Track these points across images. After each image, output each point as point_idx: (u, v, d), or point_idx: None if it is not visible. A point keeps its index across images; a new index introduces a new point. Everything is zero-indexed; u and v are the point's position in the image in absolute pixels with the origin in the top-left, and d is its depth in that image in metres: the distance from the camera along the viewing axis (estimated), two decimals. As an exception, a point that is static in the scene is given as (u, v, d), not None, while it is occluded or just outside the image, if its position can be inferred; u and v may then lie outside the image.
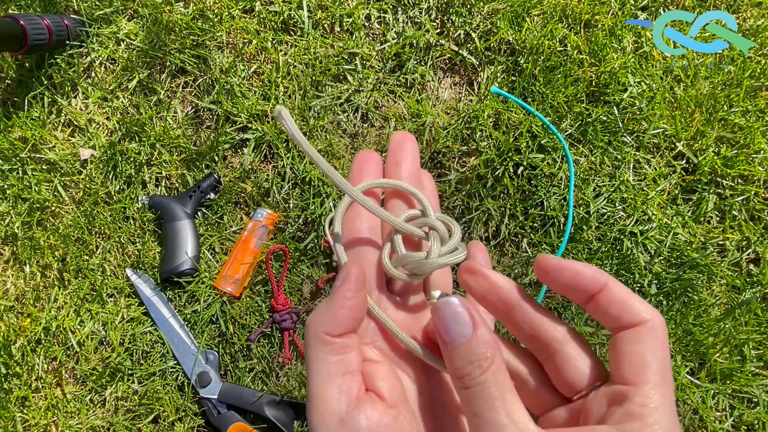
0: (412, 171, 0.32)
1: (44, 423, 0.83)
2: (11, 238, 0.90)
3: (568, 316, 0.79)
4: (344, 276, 0.27)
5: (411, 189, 0.31)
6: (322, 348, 0.26)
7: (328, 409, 0.25)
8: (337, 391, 0.25)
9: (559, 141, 0.82)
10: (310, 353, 0.26)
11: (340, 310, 0.26)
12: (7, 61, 0.93)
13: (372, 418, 0.25)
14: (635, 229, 0.81)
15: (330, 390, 0.25)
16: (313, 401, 0.26)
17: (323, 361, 0.26)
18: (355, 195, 0.29)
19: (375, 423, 0.25)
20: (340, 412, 0.25)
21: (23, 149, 0.90)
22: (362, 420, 0.25)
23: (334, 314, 0.26)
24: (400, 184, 0.31)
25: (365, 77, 0.88)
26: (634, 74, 0.85)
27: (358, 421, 0.25)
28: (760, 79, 0.85)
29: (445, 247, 0.29)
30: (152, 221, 0.88)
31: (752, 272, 0.81)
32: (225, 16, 0.90)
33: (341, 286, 0.27)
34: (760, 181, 0.83)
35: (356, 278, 0.27)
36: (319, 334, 0.26)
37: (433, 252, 0.29)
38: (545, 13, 0.87)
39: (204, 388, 0.81)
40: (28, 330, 0.86)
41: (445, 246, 0.30)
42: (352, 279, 0.27)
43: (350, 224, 0.31)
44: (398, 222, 0.30)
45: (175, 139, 0.88)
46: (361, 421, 0.25)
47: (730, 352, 0.78)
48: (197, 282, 0.84)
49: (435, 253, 0.29)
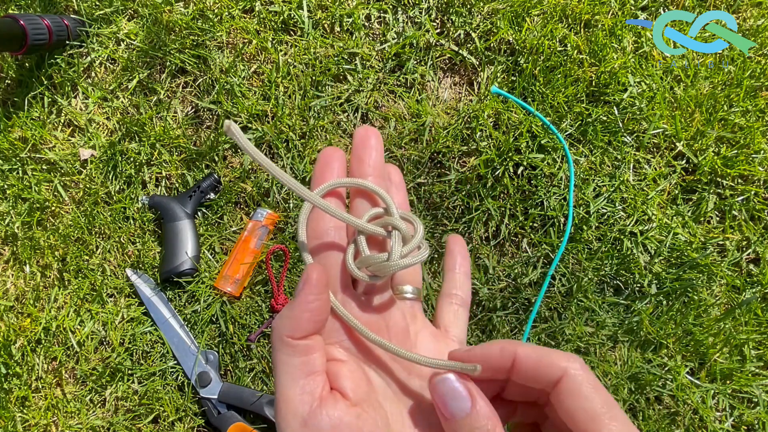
0: (376, 166, 0.32)
1: (44, 423, 0.83)
2: (11, 238, 0.90)
3: (568, 316, 0.79)
4: (305, 279, 0.27)
5: (373, 187, 0.31)
6: (286, 350, 0.27)
7: (291, 411, 0.26)
8: (300, 392, 0.26)
9: (559, 141, 0.82)
10: (275, 356, 0.27)
11: (302, 314, 0.27)
12: (7, 61, 0.93)
13: (334, 417, 0.26)
14: (635, 229, 0.81)
15: (293, 391, 0.26)
16: (279, 403, 0.26)
17: (287, 363, 0.27)
18: (314, 200, 0.29)
19: (337, 422, 0.26)
20: (303, 413, 0.26)
21: (23, 149, 0.90)
22: (324, 419, 0.25)
23: (297, 317, 0.27)
24: (362, 183, 0.31)
25: (365, 77, 0.88)
26: (634, 74, 0.85)
27: (321, 420, 0.25)
28: (760, 79, 0.85)
29: (407, 246, 0.29)
30: (152, 221, 0.88)
31: (752, 272, 0.81)
32: (225, 16, 0.90)
33: (302, 290, 0.27)
34: (760, 181, 0.83)
35: (317, 281, 0.27)
36: (282, 337, 0.27)
37: (394, 253, 0.29)
38: (545, 13, 0.87)
39: (204, 388, 0.81)
40: (28, 330, 0.86)
41: (407, 246, 0.29)
42: (312, 282, 0.27)
43: (315, 226, 0.31)
44: (359, 223, 0.30)
45: (175, 139, 0.88)
46: (323, 421, 0.25)
47: (730, 352, 0.78)
48: (197, 282, 0.84)
49: (396, 254, 0.29)
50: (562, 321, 0.79)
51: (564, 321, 0.79)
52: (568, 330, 0.78)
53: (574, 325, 0.79)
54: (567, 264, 0.81)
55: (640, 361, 0.78)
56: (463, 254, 0.35)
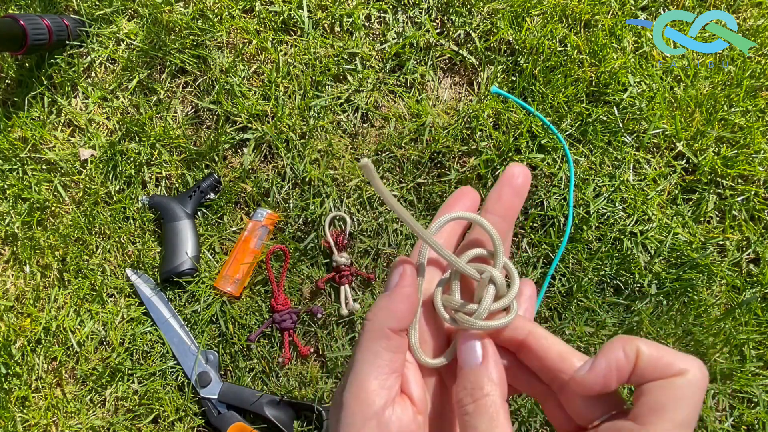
0: (509, 207, 0.31)
1: (44, 423, 0.83)
2: (11, 238, 0.90)
3: (567, 316, 0.79)
4: (401, 272, 0.28)
5: (488, 227, 0.30)
6: (380, 342, 0.27)
7: (368, 400, 0.26)
8: (379, 386, 0.26)
9: (559, 141, 0.82)
10: (366, 345, 0.27)
11: (400, 304, 0.28)
12: (7, 61, 0.93)
13: (402, 419, 0.26)
14: (635, 229, 0.81)
15: (374, 383, 0.26)
16: (355, 388, 0.27)
17: (377, 355, 0.27)
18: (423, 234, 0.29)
19: (404, 426, 0.26)
20: (377, 406, 0.26)
21: (23, 149, 0.90)
22: (393, 419, 0.26)
23: (396, 309, 0.28)
24: (478, 219, 0.30)
25: (365, 77, 0.88)
26: (634, 74, 0.85)
27: (390, 419, 0.26)
28: (760, 79, 0.85)
29: (497, 303, 0.28)
30: (152, 221, 0.88)
31: (752, 272, 0.81)
32: (225, 16, 0.90)
33: (400, 282, 0.28)
34: (760, 181, 0.83)
35: (411, 273, 0.28)
36: (383, 328, 0.27)
37: (481, 309, 0.28)
38: (545, 13, 0.87)
39: (204, 388, 0.81)
40: (28, 330, 0.86)
41: (497, 303, 0.28)
42: (408, 273, 0.28)
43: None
44: (455, 261, 0.29)
45: (175, 139, 0.88)
46: (392, 420, 0.26)
47: (730, 352, 0.78)
48: (197, 282, 0.84)
49: (483, 310, 0.28)
50: (562, 321, 0.79)
51: (564, 321, 0.79)
52: (568, 330, 0.78)
53: (574, 325, 0.79)
54: (567, 264, 0.81)
55: (640, 361, 0.78)
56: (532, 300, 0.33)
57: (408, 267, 0.28)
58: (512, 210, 0.31)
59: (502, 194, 0.31)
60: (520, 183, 0.30)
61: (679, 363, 0.24)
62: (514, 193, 0.30)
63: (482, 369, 0.26)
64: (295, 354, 0.82)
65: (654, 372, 0.25)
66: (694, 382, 0.24)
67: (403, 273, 0.28)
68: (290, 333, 0.82)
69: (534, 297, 0.33)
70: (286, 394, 0.80)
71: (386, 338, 0.27)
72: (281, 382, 0.82)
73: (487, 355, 0.27)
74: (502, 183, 0.31)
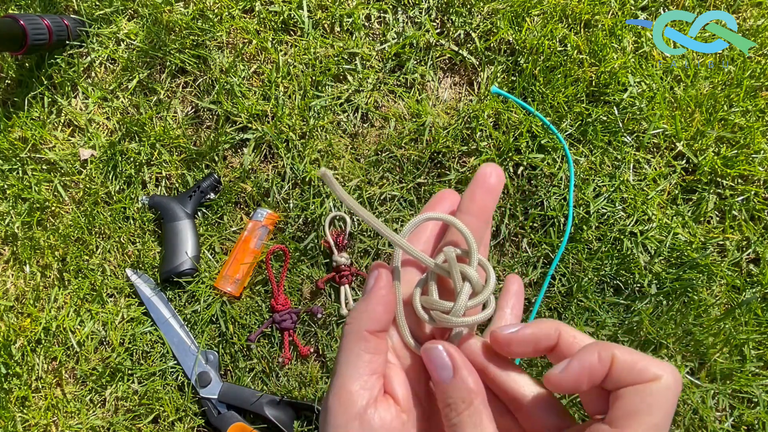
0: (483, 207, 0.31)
1: (44, 423, 0.83)
2: (11, 238, 0.90)
3: (567, 316, 0.79)
4: (376, 276, 0.29)
5: (461, 227, 0.30)
6: (361, 345, 0.28)
7: (349, 402, 0.27)
8: (361, 387, 0.27)
9: (559, 141, 0.82)
10: (346, 347, 0.28)
11: (377, 306, 0.29)
12: (7, 61, 0.93)
13: (385, 419, 0.27)
14: (635, 229, 0.81)
15: (355, 385, 0.27)
16: (338, 391, 0.28)
17: (357, 357, 0.28)
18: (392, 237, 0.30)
19: (387, 424, 0.27)
20: (359, 407, 0.27)
21: (23, 149, 0.90)
22: (376, 419, 0.27)
23: (373, 310, 0.29)
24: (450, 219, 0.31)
25: (365, 77, 0.88)
26: (634, 74, 0.85)
27: (373, 419, 0.27)
28: (760, 79, 0.85)
29: (473, 300, 0.29)
30: (152, 221, 0.88)
31: (752, 272, 0.81)
32: (225, 16, 0.90)
33: (375, 284, 0.29)
34: (760, 181, 0.83)
35: (386, 276, 0.29)
36: (360, 331, 0.28)
37: (457, 306, 0.29)
38: (545, 13, 0.87)
39: (204, 388, 0.81)
40: (28, 330, 0.86)
41: (473, 299, 0.29)
42: (383, 277, 0.29)
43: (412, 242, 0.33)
44: (429, 262, 0.30)
45: (175, 139, 0.88)
46: (375, 420, 0.27)
47: (730, 352, 0.78)
48: (197, 282, 0.84)
49: (460, 307, 0.29)
50: (562, 321, 0.79)
51: (564, 321, 0.79)
52: (568, 330, 0.78)
53: (574, 325, 0.79)
54: (567, 264, 0.81)
55: (640, 361, 0.78)
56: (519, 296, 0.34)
57: (383, 270, 0.30)
58: (486, 209, 0.31)
59: (475, 194, 0.31)
60: (493, 182, 0.31)
61: (653, 368, 0.25)
62: (487, 192, 0.31)
63: (457, 382, 0.27)
64: (295, 354, 0.82)
65: (629, 377, 0.25)
66: (667, 388, 0.25)
67: (378, 276, 0.29)
68: (290, 333, 0.82)
69: (521, 292, 0.34)
70: (286, 394, 0.80)
71: (365, 340, 0.28)
72: (281, 382, 0.82)
73: (457, 367, 0.27)
74: (475, 183, 0.31)
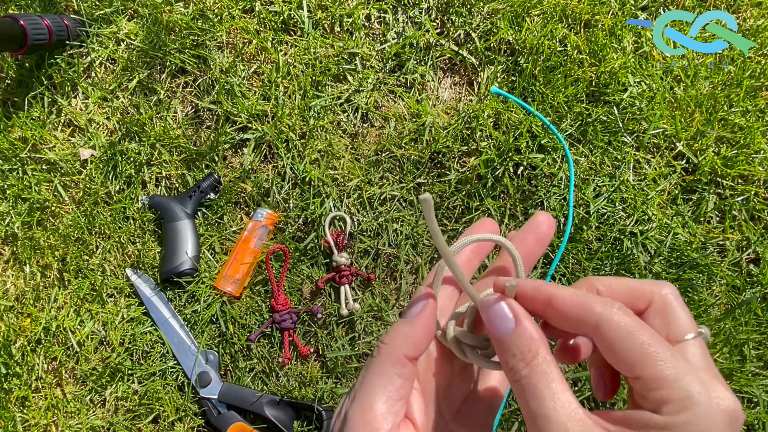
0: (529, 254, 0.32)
1: (44, 423, 0.83)
2: (11, 238, 0.90)
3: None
4: (424, 304, 0.29)
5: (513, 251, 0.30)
6: (395, 368, 0.28)
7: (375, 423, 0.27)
8: (387, 410, 0.27)
9: (559, 141, 0.82)
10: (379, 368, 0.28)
11: (421, 333, 0.28)
12: (7, 61, 0.93)
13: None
14: (635, 229, 0.81)
15: (382, 407, 0.27)
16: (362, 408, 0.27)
17: (389, 379, 0.28)
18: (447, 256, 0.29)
19: None
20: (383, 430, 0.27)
21: (23, 149, 0.90)
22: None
23: (416, 337, 0.28)
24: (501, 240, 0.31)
25: (365, 77, 0.88)
26: (634, 74, 0.85)
27: None
28: (760, 79, 0.85)
29: None
30: (152, 221, 0.88)
31: (752, 272, 0.81)
32: (225, 16, 0.90)
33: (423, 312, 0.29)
34: (760, 181, 0.83)
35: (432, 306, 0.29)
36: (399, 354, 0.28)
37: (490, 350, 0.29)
38: (545, 13, 0.87)
39: (204, 388, 0.81)
40: (28, 330, 0.86)
41: None
42: (429, 307, 0.29)
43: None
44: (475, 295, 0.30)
45: (175, 139, 0.88)
46: None
47: (730, 352, 0.78)
48: (197, 282, 0.84)
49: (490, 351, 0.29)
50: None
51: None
52: (568, 330, 0.78)
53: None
54: (567, 264, 0.81)
55: (640, 361, 0.78)
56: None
57: (431, 301, 0.29)
58: (534, 256, 0.32)
59: (526, 240, 0.32)
60: (545, 231, 0.32)
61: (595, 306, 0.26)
62: (537, 240, 0.32)
63: (521, 331, 0.26)
64: (295, 354, 0.82)
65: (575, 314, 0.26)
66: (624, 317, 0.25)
67: (426, 305, 0.29)
68: (290, 333, 0.82)
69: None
70: (286, 394, 0.80)
71: (401, 364, 0.28)
72: (281, 382, 0.82)
73: (518, 317, 0.27)
74: (527, 229, 0.32)
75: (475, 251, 0.33)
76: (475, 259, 0.33)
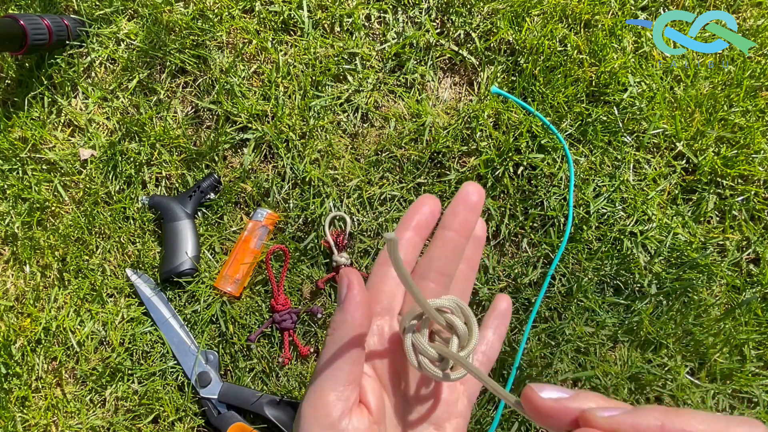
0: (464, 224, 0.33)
1: (44, 423, 0.83)
2: (11, 238, 0.90)
3: (567, 317, 0.79)
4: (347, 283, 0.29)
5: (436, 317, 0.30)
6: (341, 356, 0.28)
7: (324, 412, 0.27)
8: (336, 397, 0.28)
9: (559, 141, 0.82)
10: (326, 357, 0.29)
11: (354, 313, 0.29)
12: (7, 61, 0.93)
13: (358, 429, 0.28)
14: (635, 229, 0.81)
15: (331, 395, 0.28)
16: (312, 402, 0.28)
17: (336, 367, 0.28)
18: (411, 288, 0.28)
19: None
20: (333, 417, 0.27)
21: (23, 149, 0.90)
22: (350, 429, 0.27)
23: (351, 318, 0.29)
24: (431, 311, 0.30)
25: (365, 77, 0.88)
26: (634, 74, 0.85)
27: (346, 429, 0.27)
28: (760, 79, 0.85)
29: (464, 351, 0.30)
30: (152, 221, 0.88)
31: (752, 272, 0.81)
32: (225, 16, 0.90)
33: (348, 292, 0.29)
34: (760, 181, 0.83)
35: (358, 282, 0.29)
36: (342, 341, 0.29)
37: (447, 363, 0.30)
38: (545, 13, 0.87)
39: (204, 388, 0.81)
40: (28, 330, 0.86)
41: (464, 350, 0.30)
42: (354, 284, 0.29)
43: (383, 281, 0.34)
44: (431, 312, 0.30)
45: (175, 139, 0.88)
46: (348, 430, 0.27)
47: (730, 352, 0.78)
48: (197, 282, 0.84)
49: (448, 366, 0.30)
50: (562, 321, 0.79)
51: (564, 321, 0.79)
52: (568, 330, 0.78)
53: (574, 325, 0.79)
54: (567, 264, 0.81)
55: (640, 361, 0.78)
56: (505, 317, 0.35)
57: (353, 277, 0.29)
58: (467, 225, 0.32)
59: (457, 210, 0.32)
60: (475, 200, 0.32)
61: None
62: (468, 209, 0.32)
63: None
64: (295, 354, 0.83)
65: None
66: None
67: (350, 284, 0.29)
68: (290, 333, 0.82)
69: (507, 313, 0.35)
70: (286, 394, 0.80)
71: (346, 351, 0.28)
72: (281, 382, 0.82)
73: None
74: (457, 200, 0.32)
75: (417, 231, 0.33)
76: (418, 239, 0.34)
